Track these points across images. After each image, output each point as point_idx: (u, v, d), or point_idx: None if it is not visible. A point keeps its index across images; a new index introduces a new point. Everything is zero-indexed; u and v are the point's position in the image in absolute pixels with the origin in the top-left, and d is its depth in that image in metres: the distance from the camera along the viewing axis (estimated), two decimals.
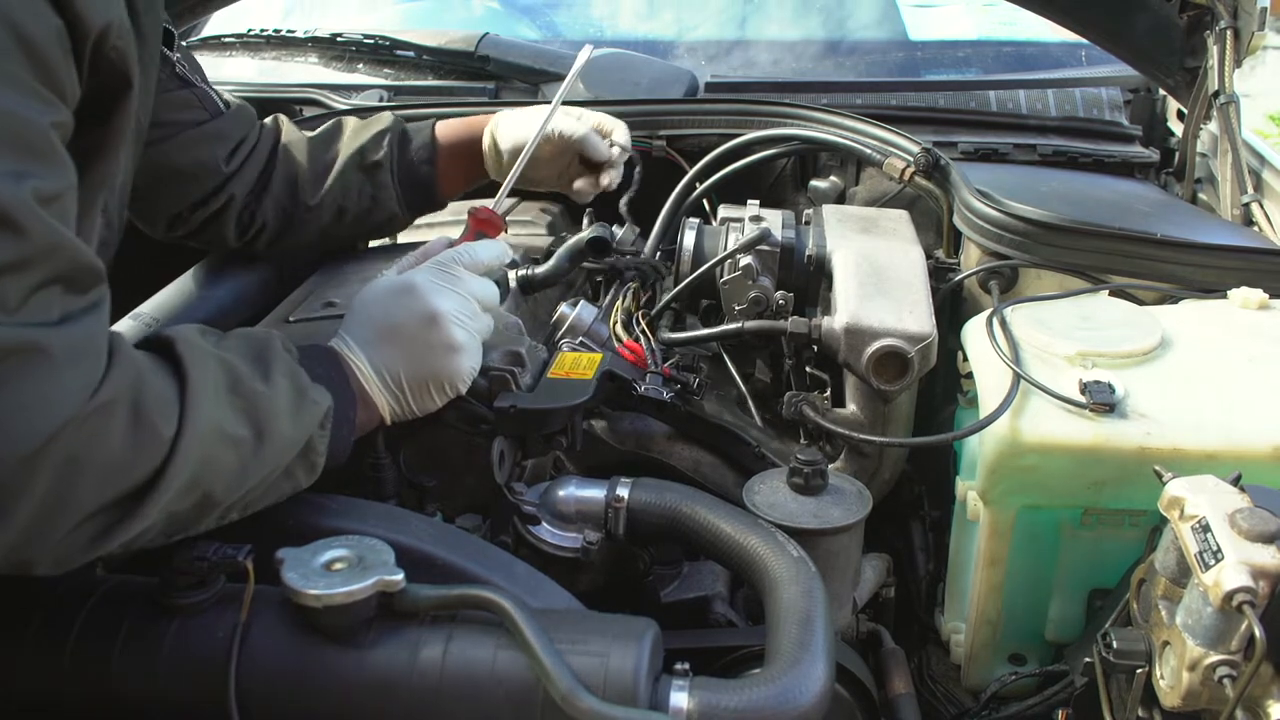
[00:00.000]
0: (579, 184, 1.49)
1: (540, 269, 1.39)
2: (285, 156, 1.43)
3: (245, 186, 1.37)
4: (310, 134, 1.47)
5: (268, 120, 1.47)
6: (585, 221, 1.65)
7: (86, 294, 0.76)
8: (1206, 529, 0.92)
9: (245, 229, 1.40)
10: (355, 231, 1.50)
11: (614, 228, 1.63)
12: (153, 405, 0.76)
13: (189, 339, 0.85)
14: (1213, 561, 0.90)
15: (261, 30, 2.23)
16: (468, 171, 1.51)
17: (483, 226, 1.18)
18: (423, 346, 1.02)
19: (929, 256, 1.51)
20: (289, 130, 1.46)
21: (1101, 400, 1.13)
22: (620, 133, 1.51)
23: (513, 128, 1.46)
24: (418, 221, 1.54)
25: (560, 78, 1.96)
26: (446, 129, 1.50)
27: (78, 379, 0.71)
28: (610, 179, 1.49)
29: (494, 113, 1.51)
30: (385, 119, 1.49)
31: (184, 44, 2.28)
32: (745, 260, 1.40)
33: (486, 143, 1.48)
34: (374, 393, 1.01)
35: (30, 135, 0.72)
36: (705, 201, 1.69)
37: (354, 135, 1.46)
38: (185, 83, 1.29)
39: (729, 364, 1.48)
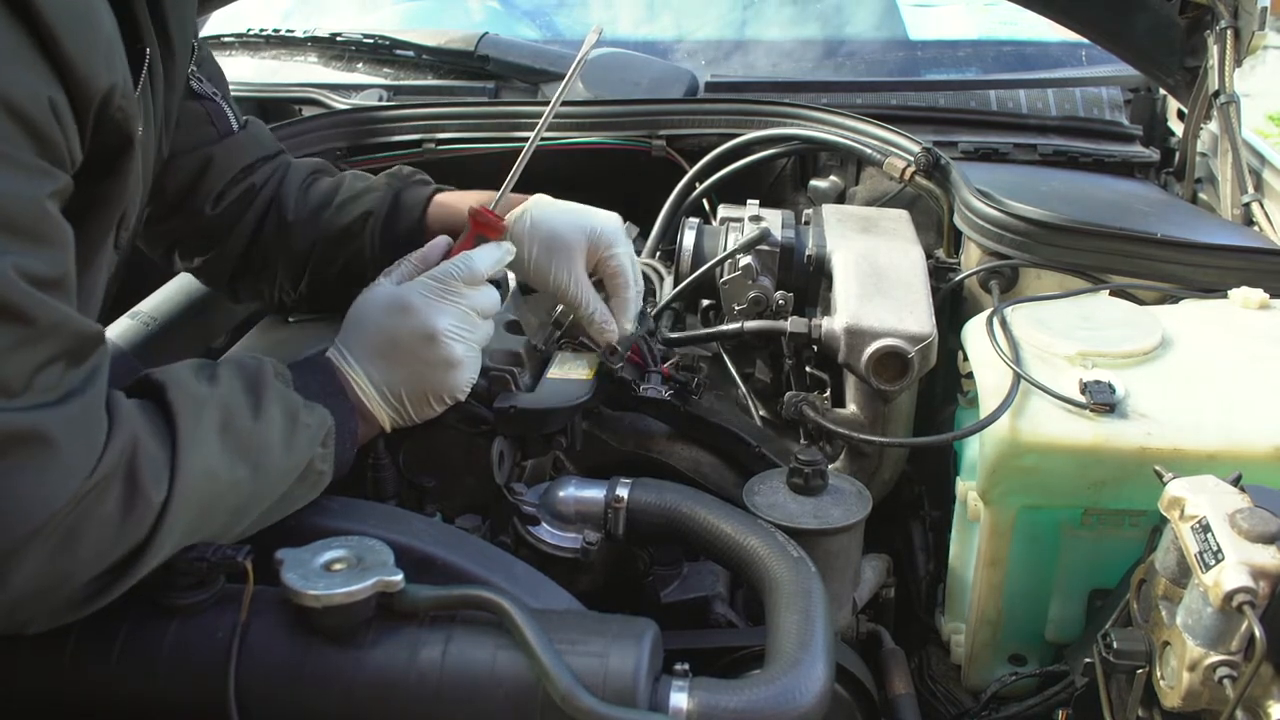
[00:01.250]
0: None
1: None
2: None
3: (240, 237, 1.24)
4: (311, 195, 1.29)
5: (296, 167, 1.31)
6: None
7: (86, 361, 0.76)
8: (1207, 529, 0.92)
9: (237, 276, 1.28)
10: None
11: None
12: (145, 471, 0.77)
13: (181, 383, 0.85)
14: (1213, 562, 0.90)
15: (261, 30, 2.23)
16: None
17: (483, 229, 1.11)
18: (421, 364, 1.02)
19: (929, 256, 1.51)
20: (293, 176, 1.29)
21: (1102, 400, 1.13)
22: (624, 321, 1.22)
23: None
24: None
25: (560, 78, 1.96)
26: (440, 211, 1.27)
27: (78, 458, 0.72)
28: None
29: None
30: (379, 190, 1.28)
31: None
32: (745, 260, 1.40)
33: None
34: (373, 407, 1.01)
35: (26, 216, 0.72)
36: (705, 201, 1.69)
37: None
38: (195, 95, 1.18)
39: (729, 364, 1.48)
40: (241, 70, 2.20)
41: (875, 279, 1.35)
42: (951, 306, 1.51)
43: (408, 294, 1.03)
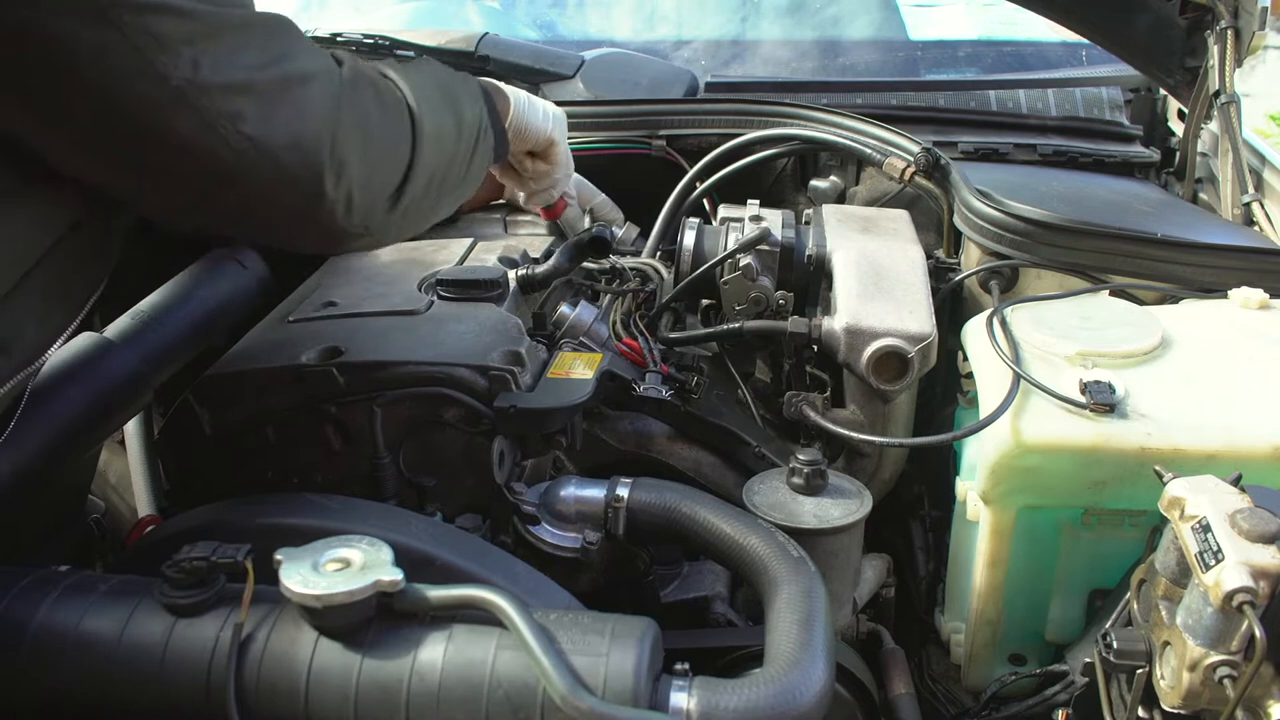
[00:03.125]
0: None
1: (540, 269, 1.39)
2: None
3: None
4: None
5: None
6: (586, 221, 1.64)
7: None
8: (1207, 529, 0.92)
9: None
10: None
11: (614, 227, 1.63)
12: (377, 77, 1.00)
13: (389, 62, 1.07)
14: (1213, 562, 0.90)
15: None
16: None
17: None
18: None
19: (929, 256, 1.51)
20: None
21: (1102, 400, 1.13)
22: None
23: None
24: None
25: (561, 77, 1.97)
26: None
27: (318, 49, 0.94)
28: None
29: None
30: None
31: None
32: (745, 260, 1.40)
33: None
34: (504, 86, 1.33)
35: None
36: (705, 201, 1.69)
37: None
38: None
39: (729, 364, 1.47)
40: None
41: (875, 279, 1.35)
42: (951, 306, 1.51)
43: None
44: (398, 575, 0.80)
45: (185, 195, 0.91)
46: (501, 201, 1.68)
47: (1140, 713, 1.02)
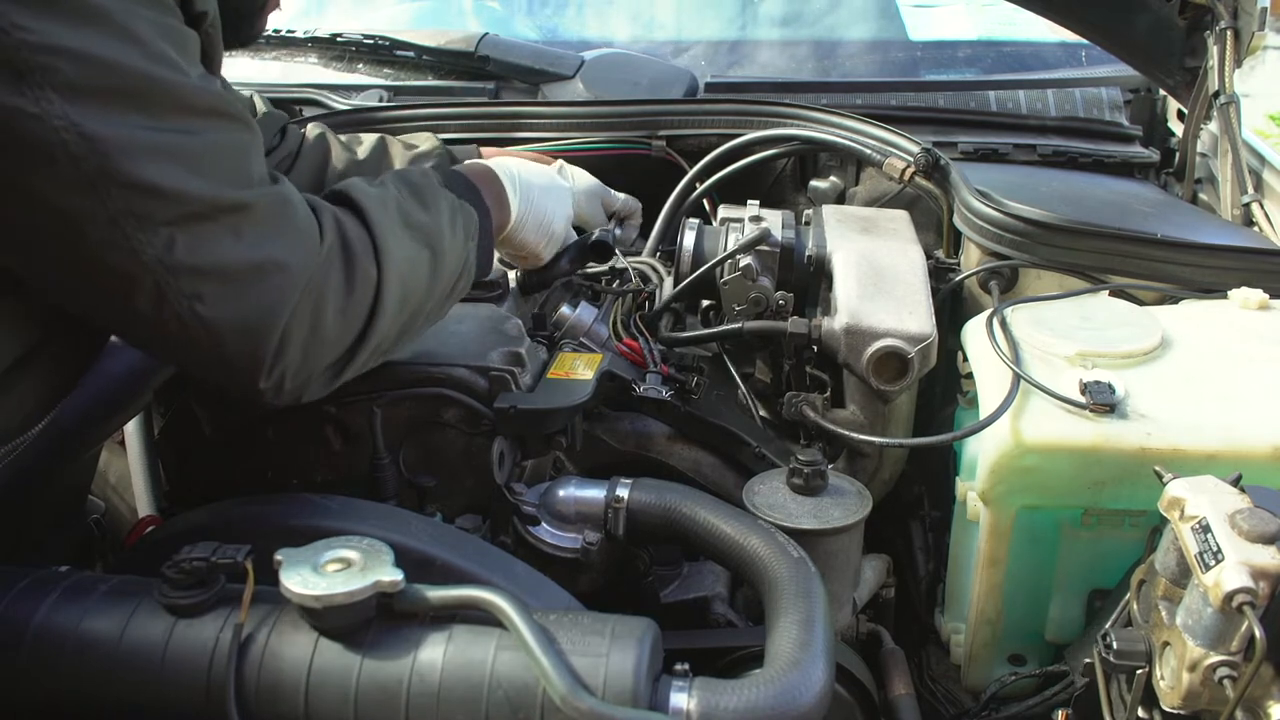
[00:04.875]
0: None
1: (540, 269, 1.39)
2: (331, 178, 1.43)
3: None
4: (357, 155, 1.48)
5: (310, 131, 1.45)
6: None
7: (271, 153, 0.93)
8: (1207, 529, 0.92)
9: None
10: None
11: (615, 229, 1.63)
12: (356, 246, 0.92)
13: (358, 186, 0.99)
14: (1213, 562, 0.90)
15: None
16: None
17: None
18: (547, 178, 1.33)
19: (929, 257, 1.51)
20: (336, 151, 1.46)
21: (1102, 400, 1.13)
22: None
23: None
24: None
25: (560, 78, 1.97)
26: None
27: (306, 222, 0.89)
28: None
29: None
30: (430, 145, 1.51)
31: None
32: (745, 260, 1.40)
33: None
34: (510, 189, 1.23)
35: (192, 41, 0.86)
36: (705, 201, 1.69)
37: (401, 161, 1.49)
38: None
39: (729, 364, 1.47)
40: (242, 70, 2.19)
41: (875, 279, 1.35)
42: (951, 307, 1.51)
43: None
44: (398, 575, 0.80)
45: (130, 338, 0.95)
46: None
47: (1140, 713, 1.02)
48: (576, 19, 2.48)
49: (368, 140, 1.55)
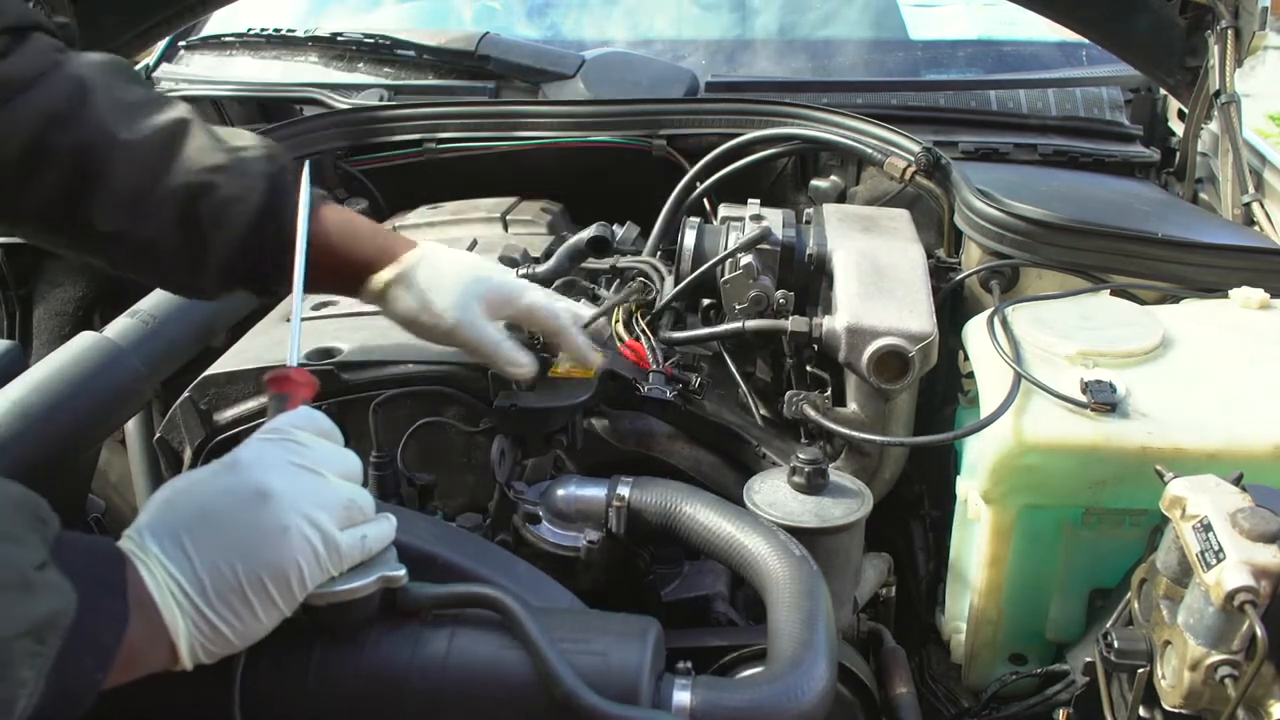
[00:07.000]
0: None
1: (541, 268, 1.39)
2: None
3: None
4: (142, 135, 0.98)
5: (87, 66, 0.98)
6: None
7: None
8: (1208, 528, 0.92)
9: None
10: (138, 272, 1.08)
11: (614, 227, 1.63)
12: None
13: None
14: (1214, 561, 0.90)
15: (262, 30, 2.23)
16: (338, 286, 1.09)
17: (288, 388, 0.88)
18: (242, 527, 0.74)
19: (930, 256, 1.51)
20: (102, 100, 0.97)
21: (1103, 400, 1.13)
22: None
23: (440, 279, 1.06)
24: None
25: (560, 77, 1.97)
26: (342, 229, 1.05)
27: None
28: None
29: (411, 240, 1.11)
30: (256, 152, 1.02)
31: (183, 44, 2.29)
32: (746, 259, 1.40)
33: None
34: (162, 597, 0.71)
35: None
36: (706, 201, 1.69)
37: (197, 158, 0.99)
38: None
39: (730, 363, 1.47)
40: (242, 70, 2.20)
41: (876, 278, 1.35)
42: (952, 306, 1.51)
43: (238, 450, 0.78)
44: (400, 571, 0.80)
45: None
46: (503, 200, 1.68)
47: (1141, 712, 1.02)
48: (577, 19, 2.48)
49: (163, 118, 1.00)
